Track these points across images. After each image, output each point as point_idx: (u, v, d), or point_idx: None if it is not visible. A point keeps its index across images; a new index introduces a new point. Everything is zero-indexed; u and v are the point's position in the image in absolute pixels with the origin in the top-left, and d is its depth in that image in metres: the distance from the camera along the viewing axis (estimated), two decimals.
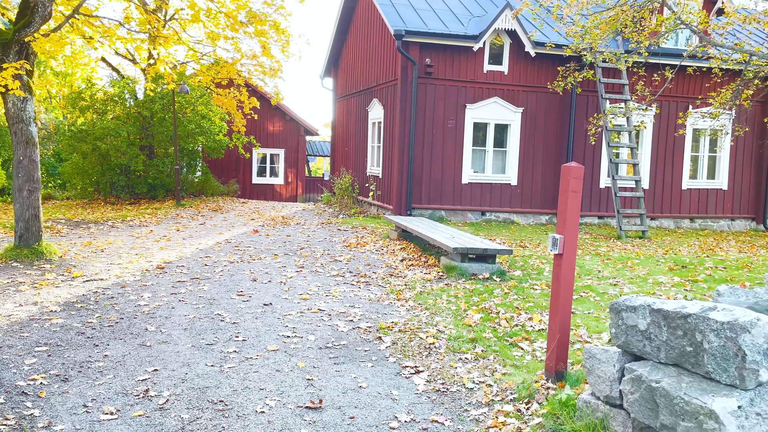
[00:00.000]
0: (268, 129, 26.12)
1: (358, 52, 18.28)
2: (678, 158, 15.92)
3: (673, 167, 15.90)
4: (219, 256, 9.12)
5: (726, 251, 12.10)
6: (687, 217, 16.10)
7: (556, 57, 14.84)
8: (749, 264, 9.66)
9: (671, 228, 15.95)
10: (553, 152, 15.18)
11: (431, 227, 9.98)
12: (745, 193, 16.42)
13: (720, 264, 9.49)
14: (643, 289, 7.61)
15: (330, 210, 17.01)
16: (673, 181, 15.95)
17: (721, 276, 8.39)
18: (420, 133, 14.31)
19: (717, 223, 16.35)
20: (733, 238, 14.72)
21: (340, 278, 7.75)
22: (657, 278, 8.29)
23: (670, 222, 16.00)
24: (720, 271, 8.81)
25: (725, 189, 16.29)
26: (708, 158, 16.21)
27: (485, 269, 8.08)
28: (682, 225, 16.14)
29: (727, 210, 16.38)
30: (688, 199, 16.10)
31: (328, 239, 11.04)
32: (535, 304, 6.59)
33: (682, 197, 16.07)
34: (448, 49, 14.24)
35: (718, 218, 16.34)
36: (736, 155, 16.22)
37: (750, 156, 16.32)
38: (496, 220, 14.95)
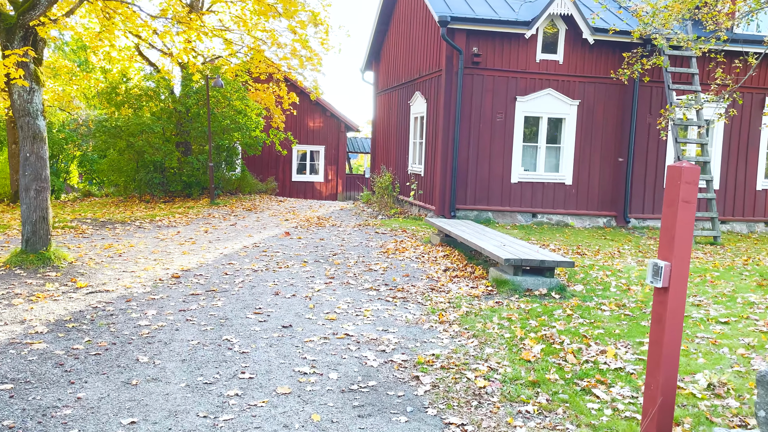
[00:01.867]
0: (308, 125, 25.41)
1: (400, 43, 17.29)
2: (752, 155, 14.33)
3: (747, 165, 14.32)
4: (243, 262, 8.30)
5: None
6: (762, 220, 14.50)
7: (616, 44, 13.49)
8: None
9: (744, 232, 14.39)
10: (612, 149, 13.83)
11: (478, 233, 8.92)
12: None
13: None
14: (732, 311, 6.37)
15: (369, 210, 16.10)
16: (747, 180, 14.37)
17: None
18: (465, 128, 13.22)
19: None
20: None
21: (374, 292, 6.79)
22: (746, 297, 7.02)
23: (742, 226, 14.44)
24: None
25: None
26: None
27: (542, 284, 6.98)
28: (756, 229, 14.55)
29: None
30: (763, 201, 14.49)
31: (365, 244, 10.10)
32: (605, 330, 5.48)
33: (756, 198, 14.48)
34: (496, 36, 13.09)
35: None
36: None
37: None
38: (548, 223, 13.73)
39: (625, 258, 9.92)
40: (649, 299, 6.77)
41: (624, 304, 6.48)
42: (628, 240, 12.19)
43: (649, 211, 14.06)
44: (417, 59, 15.55)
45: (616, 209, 13.91)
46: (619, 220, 13.88)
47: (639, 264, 9.30)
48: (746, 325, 5.79)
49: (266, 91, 20.79)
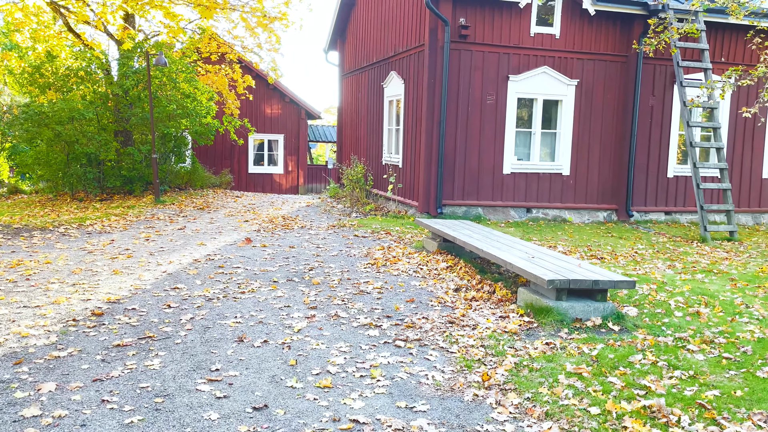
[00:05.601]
0: (265, 112, 23.25)
1: (370, 18, 15.38)
2: (758, 141, 13.12)
3: (753, 152, 13.11)
4: (193, 286, 6.35)
5: None
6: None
7: (618, 16, 11.97)
8: None
9: (750, 224, 13.21)
10: (613, 134, 12.36)
11: (489, 238, 7.21)
12: None
13: None
14: None
15: (339, 206, 14.22)
16: (753, 168, 13.17)
17: None
18: (452, 111, 11.48)
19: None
20: None
21: (376, 331, 4.99)
22: None
23: (748, 217, 13.25)
24: None
25: None
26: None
27: (594, 311, 5.32)
28: (762, 221, 13.39)
29: None
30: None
31: (345, 252, 8.26)
32: (721, 390, 3.84)
33: (762, 187, 13.30)
34: (486, 5, 11.37)
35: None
36: None
37: None
38: (544, 219, 12.18)
39: (652, 262, 8.42)
40: (732, 327, 5.19)
41: (710, 339, 4.88)
42: (637, 237, 10.74)
43: (651, 204, 12.68)
44: (392, 35, 13.69)
45: (618, 202, 12.47)
46: (620, 213, 12.45)
47: (675, 271, 7.80)
48: None
49: (218, 73, 18.57)
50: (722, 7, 11.31)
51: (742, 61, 12.62)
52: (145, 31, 16.97)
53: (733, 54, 12.62)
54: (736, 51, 12.61)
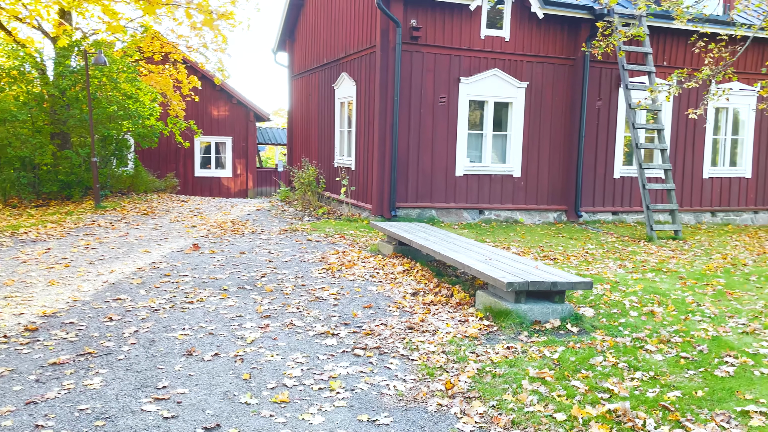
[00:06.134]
0: (212, 114, 22.66)
1: (320, 18, 15.16)
2: (699, 142, 13.59)
3: (694, 153, 13.57)
4: (137, 296, 6.00)
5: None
6: (708, 210, 13.84)
7: (565, 20, 12.17)
8: None
9: (692, 223, 13.66)
10: (562, 136, 12.55)
11: (445, 240, 7.12)
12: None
13: None
14: None
15: (291, 210, 13.93)
16: (694, 168, 13.63)
17: None
18: (405, 113, 11.40)
19: (740, 217, 14.17)
20: (766, 233, 12.55)
21: (333, 340, 4.80)
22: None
23: (690, 216, 13.70)
24: None
25: (749, 177, 14.10)
26: (730, 142, 13.96)
27: (552, 313, 5.29)
28: (704, 219, 13.87)
29: (750, 201, 14.21)
30: (709, 190, 13.83)
31: (299, 257, 8.03)
32: (682, 391, 3.84)
33: (703, 187, 13.79)
34: (437, 7, 11.34)
35: (741, 211, 14.15)
36: (760, 138, 14.04)
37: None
38: (496, 220, 12.24)
39: (603, 262, 8.54)
40: (686, 326, 5.26)
41: (666, 338, 4.92)
42: (587, 237, 10.92)
43: (599, 204, 12.95)
44: (342, 36, 13.52)
45: (567, 203, 12.67)
46: (570, 214, 12.66)
47: (626, 270, 7.92)
48: None
49: (162, 73, 17.95)
50: (666, 12, 11.66)
51: (683, 64, 13.05)
52: (83, 29, 16.23)
53: (674, 58, 13.03)
54: (677, 55, 13.03)
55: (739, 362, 4.36)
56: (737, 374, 4.13)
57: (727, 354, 4.54)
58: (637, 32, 9.25)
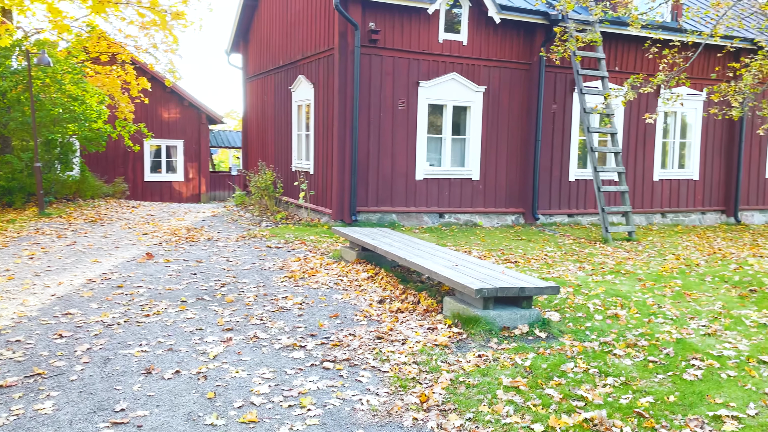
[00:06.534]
0: (162, 116, 22.00)
1: (276, 20, 14.90)
2: (649, 146, 13.99)
3: (645, 156, 13.95)
4: (88, 310, 5.68)
5: (731, 252, 10.12)
6: (659, 211, 14.25)
7: (521, 25, 12.32)
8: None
9: (644, 224, 14.03)
10: (519, 140, 12.69)
11: (410, 246, 7.04)
12: (716, 183, 14.83)
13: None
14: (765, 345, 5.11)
15: (247, 215, 13.61)
16: (645, 171, 14.01)
17: None
18: (364, 117, 11.29)
19: (688, 217, 14.65)
20: (713, 233, 12.98)
21: (301, 353, 4.64)
22: (745, 314, 5.86)
23: (641, 218, 14.07)
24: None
25: (696, 179, 14.60)
26: (679, 145, 14.42)
27: (520, 318, 5.27)
28: (654, 220, 14.28)
29: (698, 202, 14.72)
30: (659, 192, 14.24)
31: (259, 265, 7.80)
32: (654, 396, 3.85)
33: (653, 189, 14.19)
34: (395, 10, 11.29)
35: (690, 212, 14.64)
36: (707, 142, 14.56)
37: (720, 143, 14.72)
38: (456, 223, 12.27)
39: (563, 264, 8.64)
40: (650, 329, 5.33)
41: (633, 342, 4.96)
42: (545, 240, 11.06)
43: (555, 206, 13.14)
44: (299, 38, 13.31)
45: (524, 205, 12.81)
46: (527, 216, 12.80)
47: (586, 273, 8.02)
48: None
49: (109, 74, 17.29)
50: (618, 18, 11.93)
51: (634, 69, 13.39)
52: (24, 28, 15.48)
53: (626, 63, 13.36)
54: (629, 60, 13.37)
55: (705, 365, 4.42)
56: (705, 377, 4.18)
57: (693, 357, 4.60)
58: (594, 37, 9.42)
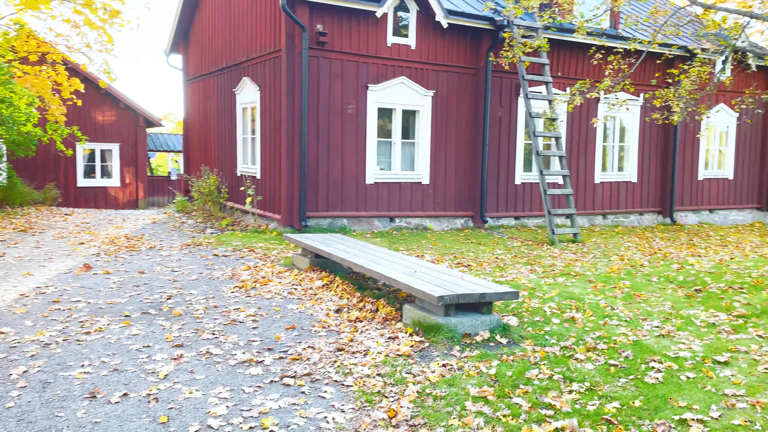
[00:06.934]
0: (96, 119, 21.03)
1: (218, 19, 14.47)
2: (591, 149, 14.39)
3: (586, 159, 14.34)
4: (23, 329, 5.26)
5: (670, 252, 10.52)
6: (600, 213, 14.67)
7: (468, 30, 12.42)
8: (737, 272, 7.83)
9: (586, 226, 14.41)
10: (467, 144, 12.79)
11: (366, 252, 6.90)
12: (653, 185, 15.42)
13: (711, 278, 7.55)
14: (713, 343, 5.25)
15: (190, 222, 13.13)
16: (586, 174, 14.40)
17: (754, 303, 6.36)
18: (313, 120, 11.09)
19: (628, 218, 15.16)
20: (652, 234, 13.48)
21: (258, 368, 4.42)
22: (694, 315, 6.03)
23: (584, 220, 14.44)
24: (746, 295, 6.81)
25: (634, 182, 15.12)
26: (618, 149, 14.90)
27: (481, 324, 5.22)
28: (596, 222, 14.69)
29: (636, 204, 15.26)
30: (600, 194, 14.67)
31: (207, 275, 7.48)
32: (620, 401, 3.86)
33: (595, 192, 14.60)
34: (344, 13, 11.15)
35: (629, 213, 15.15)
36: (643, 146, 15.11)
37: (656, 147, 15.32)
38: (407, 228, 12.22)
39: (514, 267, 8.71)
40: (607, 332, 5.39)
41: (592, 345, 4.99)
42: (495, 243, 11.16)
43: (503, 210, 13.31)
44: (243, 38, 12.96)
45: (473, 209, 12.91)
46: (476, 220, 12.90)
47: (537, 275, 8.11)
48: (751, 365, 4.62)
49: (39, 75, 16.36)
50: (561, 24, 12.21)
51: (575, 75, 13.74)
52: None
53: (568, 69, 13.69)
54: (570, 66, 13.70)
55: (664, 367, 4.49)
56: (666, 380, 4.23)
57: (651, 359, 4.67)
58: (541, 43, 9.56)
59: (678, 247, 11.68)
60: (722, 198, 16.54)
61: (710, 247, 11.72)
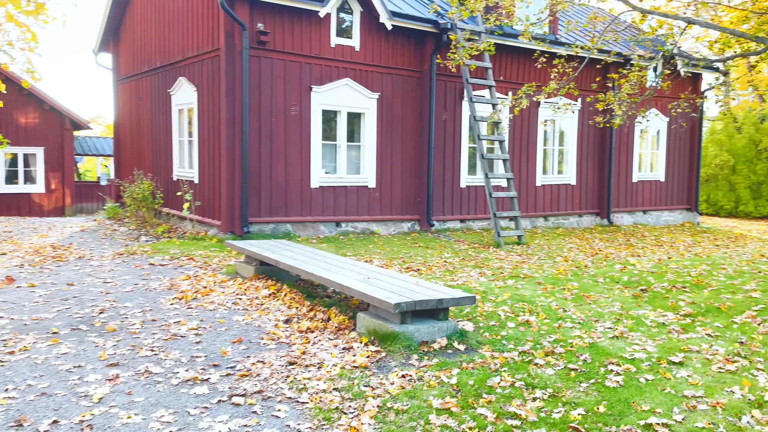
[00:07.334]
0: (19, 121, 19.74)
1: (151, 16, 13.82)
2: (532, 152, 14.61)
3: (528, 162, 14.55)
4: None
5: (611, 252, 10.76)
6: (542, 215, 14.91)
7: (412, 33, 12.35)
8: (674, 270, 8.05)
9: (529, 228, 14.61)
10: (413, 147, 12.70)
11: (314, 259, 6.63)
12: (591, 188, 15.82)
13: (654, 277, 7.72)
14: (665, 343, 5.29)
15: (123, 229, 12.43)
16: (528, 177, 14.61)
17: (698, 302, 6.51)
18: (255, 122, 10.70)
19: (567, 220, 15.48)
20: (591, 235, 13.81)
21: (204, 387, 4.08)
22: (643, 315, 6.10)
23: (526, 222, 14.64)
24: (689, 294, 6.97)
25: (573, 184, 15.47)
26: (558, 152, 15.21)
27: (438, 331, 5.06)
28: (538, 224, 14.92)
29: (576, 206, 15.61)
30: (542, 196, 14.92)
31: (143, 286, 7.00)
32: (585, 408, 3.77)
33: (537, 194, 14.83)
34: (285, 11, 10.83)
35: (569, 215, 15.47)
36: (581, 149, 15.49)
37: (593, 151, 15.73)
38: (353, 232, 12.00)
39: (464, 271, 8.64)
40: (562, 335, 5.34)
41: (550, 350, 4.92)
42: (442, 246, 11.10)
43: (448, 213, 13.29)
44: (179, 37, 12.41)
45: (420, 212, 12.82)
46: (423, 223, 12.83)
47: (487, 278, 8.06)
48: (705, 364, 4.66)
49: None
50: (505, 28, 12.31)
51: (516, 79, 13.92)
52: None
53: (509, 73, 13.84)
54: (512, 70, 13.87)
55: (623, 370, 4.45)
56: (626, 383, 4.19)
57: (609, 362, 4.63)
58: (487, 46, 9.56)
59: (617, 247, 11.98)
60: (655, 199, 17.16)
61: (647, 247, 12.08)
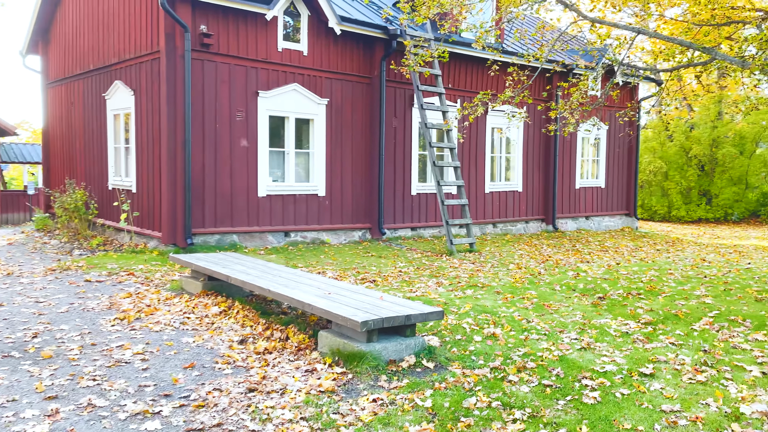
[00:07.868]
0: None
1: (84, 17, 13.03)
2: (480, 160, 14.65)
3: (477, 170, 14.58)
4: None
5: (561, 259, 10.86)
6: (491, 222, 14.97)
7: (361, 38, 12.13)
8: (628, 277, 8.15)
9: (479, 235, 14.63)
10: (363, 154, 12.46)
11: (269, 273, 6.26)
12: (536, 194, 16.03)
13: (608, 284, 7.78)
14: (633, 354, 5.24)
15: (54, 242, 11.60)
16: (477, 184, 14.64)
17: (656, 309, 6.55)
18: (198, 129, 10.19)
19: (515, 227, 15.62)
20: (538, 241, 13.96)
21: (156, 421, 3.68)
22: (605, 324, 6.06)
23: (476, 228, 14.65)
24: (645, 301, 7.02)
25: (520, 191, 15.63)
26: (505, 160, 15.33)
27: (406, 349, 4.82)
28: (487, 230, 14.97)
29: (522, 212, 15.77)
30: (491, 203, 14.98)
31: (79, 305, 6.43)
32: (569, 428, 3.61)
33: (485, 201, 14.88)
34: (230, 13, 10.40)
35: (516, 221, 15.62)
36: (527, 157, 15.68)
37: (538, 158, 15.96)
38: (303, 242, 11.62)
39: (420, 281, 8.45)
40: (530, 347, 5.20)
41: (522, 365, 4.76)
42: (395, 255, 10.90)
43: (399, 221, 13.12)
44: (114, 38, 11.72)
45: (371, 221, 12.59)
46: (374, 232, 12.59)
47: (446, 288, 7.89)
48: (675, 375, 4.61)
49: None
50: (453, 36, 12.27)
51: (465, 87, 13.93)
52: None
53: (458, 81, 13.84)
54: (460, 78, 13.87)
55: (597, 384, 4.34)
56: (603, 399, 4.07)
57: (582, 376, 4.51)
58: (441, 52, 9.44)
59: (565, 253, 12.11)
60: (596, 205, 17.59)
61: (593, 253, 12.27)
